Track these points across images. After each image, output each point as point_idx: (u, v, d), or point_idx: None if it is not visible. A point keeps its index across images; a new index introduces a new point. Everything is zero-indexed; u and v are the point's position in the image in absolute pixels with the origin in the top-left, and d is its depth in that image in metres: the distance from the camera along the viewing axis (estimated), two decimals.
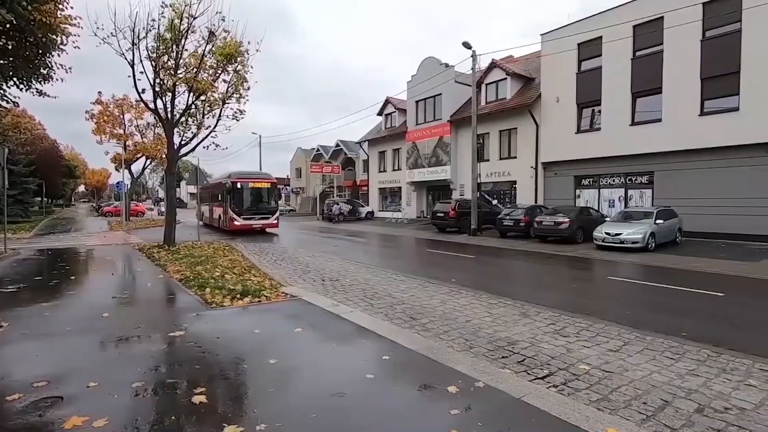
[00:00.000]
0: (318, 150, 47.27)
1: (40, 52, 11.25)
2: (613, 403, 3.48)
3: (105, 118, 26.67)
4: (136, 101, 20.62)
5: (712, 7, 15.50)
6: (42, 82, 11.96)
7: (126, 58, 11.48)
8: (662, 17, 16.48)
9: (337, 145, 43.25)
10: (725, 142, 15.20)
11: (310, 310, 5.94)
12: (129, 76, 11.65)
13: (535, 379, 3.92)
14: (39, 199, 40.79)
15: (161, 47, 11.67)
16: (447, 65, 24.64)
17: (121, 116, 27.49)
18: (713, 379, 3.98)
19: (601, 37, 18.43)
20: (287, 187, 51.66)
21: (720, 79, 15.46)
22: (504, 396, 3.24)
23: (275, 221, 20.88)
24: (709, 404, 3.47)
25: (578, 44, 19.42)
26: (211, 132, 13.23)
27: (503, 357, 4.54)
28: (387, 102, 33.07)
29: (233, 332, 4.92)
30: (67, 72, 12.25)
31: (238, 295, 6.50)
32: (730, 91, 15.24)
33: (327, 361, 4.03)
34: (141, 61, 11.60)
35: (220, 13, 11.69)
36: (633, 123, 17.84)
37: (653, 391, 3.70)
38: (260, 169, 53.75)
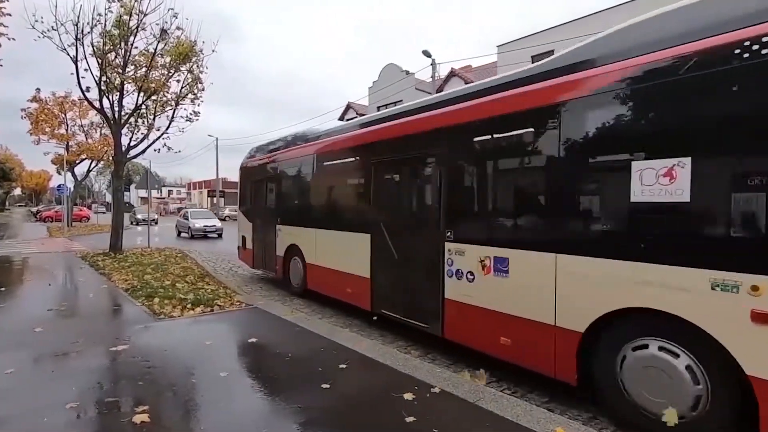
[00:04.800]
0: None
1: None
2: (562, 403, 3.60)
3: (44, 116, 24.75)
4: (80, 99, 19.40)
5: None
6: None
7: (68, 54, 10.79)
8: None
9: None
10: None
11: (266, 319, 5.77)
12: (72, 74, 10.95)
13: (489, 383, 4.00)
14: None
15: (108, 44, 11.04)
16: (408, 72, 24.97)
17: (63, 115, 25.66)
18: None
19: (552, 51, 19.33)
20: None
21: None
22: (459, 401, 3.27)
23: None
24: None
25: (532, 56, 20.20)
26: (163, 134, 12.67)
27: (458, 362, 4.60)
28: (348, 107, 32.98)
29: (183, 344, 4.69)
30: None
31: (190, 305, 6.21)
32: None
33: (281, 371, 3.92)
34: (86, 57, 10.93)
35: (173, 9, 11.25)
36: None
37: None
38: (216, 176, 48.64)
